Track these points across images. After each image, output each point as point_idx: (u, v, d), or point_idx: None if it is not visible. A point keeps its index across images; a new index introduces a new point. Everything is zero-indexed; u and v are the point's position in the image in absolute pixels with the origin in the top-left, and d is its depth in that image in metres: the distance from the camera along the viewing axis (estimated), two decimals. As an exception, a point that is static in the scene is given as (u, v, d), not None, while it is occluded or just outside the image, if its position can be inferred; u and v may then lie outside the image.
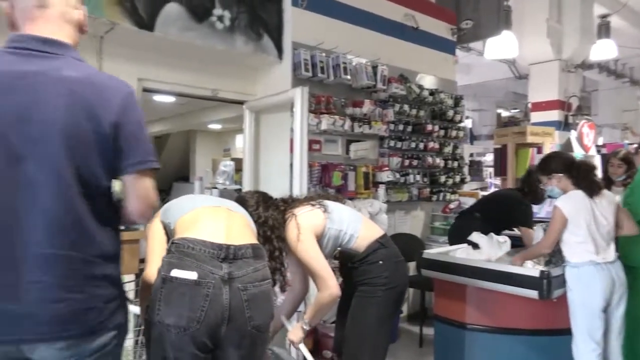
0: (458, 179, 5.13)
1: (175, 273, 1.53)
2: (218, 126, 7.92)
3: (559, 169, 2.74)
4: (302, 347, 2.23)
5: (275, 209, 2.19)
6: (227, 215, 1.78)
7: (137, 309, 1.90)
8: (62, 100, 1.22)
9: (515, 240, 3.20)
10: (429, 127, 4.74)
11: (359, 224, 2.27)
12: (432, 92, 4.79)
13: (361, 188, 4.11)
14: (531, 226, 3.46)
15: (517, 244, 3.32)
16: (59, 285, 1.21)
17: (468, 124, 10.70)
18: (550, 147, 6.03)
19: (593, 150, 6.74)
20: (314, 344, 3.42)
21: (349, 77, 3.91)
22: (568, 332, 2.58)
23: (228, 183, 5.48)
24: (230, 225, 1.72)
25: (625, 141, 8.02)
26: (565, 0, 7.12)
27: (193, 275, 1.52)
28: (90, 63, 1.48)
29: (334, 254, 2.33)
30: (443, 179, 4.94)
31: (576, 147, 6.42)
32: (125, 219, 1.38)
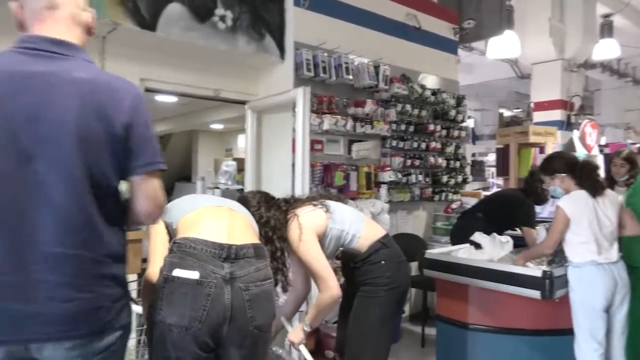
0: (460, 179, 5.12)
1: (177, 273, 1.54)
2: (220, 126, 7.92)
3: (561, 169, 2.73)
4: (303, 349, 2.23)
5: (277, 209, 2.19)
6: (229, 215, 1.78)
7: (140, 309, 1.90)
8: (73, 101, 1.22)
9: (517, 240, 3.19)
10: (431, 127, 4.74)
11: (361, 224, 2.27)
12: (434, 92, 4.78)
13: (363, 188, 4.11)
14: (533, 226, 3.46)
15: (520, 244, 3.31)
16: (68, 284, 1.21)
17: (470, 123, 10.72)
18: (553, 147, 6.00)
19: (596, 150, 6.71)
20: (316, 344, 3.42)
21: (351, 77, 3.91)
22: (570, 332, 2.58)
23: (230, 183, 5.47)
24: (232, 225, 1.72)
25: (628, 141, 7.99)
26: (567, 0, 7.11)
27: (195, 274, 1.53)
28: (93, 63, 1.49)
29: (336, 254, 2.33)
30: (445, 179, 4.93)
31: (579, 147, 6.40)
32: (132, 219, 1.39)
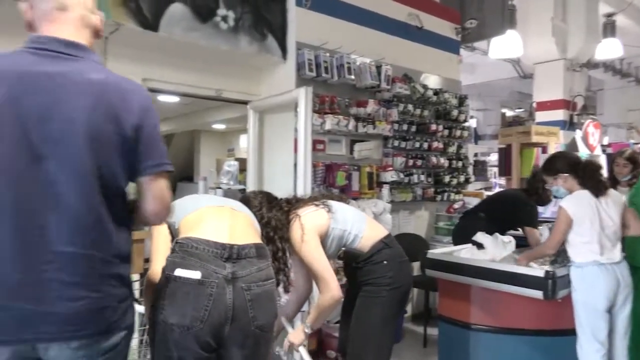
0: (462, 178, 5.11)
1: (179, 272, 1.54)
2: (222, 126, 7.92)
3: (564, 169, 2.73)
4: (302, 350, 2.22)
5: (279, 209, 2.19)
6: (231, 215, 1.78)
7: (142, 308, 1.91)
8: (84, 102, 1.23)
9: (520, 240, 3.19)
10: (433, 127, 4.73)
11: (363, 224, 2.27)
12: (437, 92, 4.78)
13: (365, 188, 4.11)
14: (536, 226, 3.45)
15: (522, 244, 3.30)
16: (78, 284, 1.22)
17: (472, 123, 10.68)
18: (555, 147, 6.00)
19: (598, 149, 6.69)
20: (318, 343, 3.42)
21: (353, 77, 3.90)
22: (573, 333, 2.57)
23: (232, 183, 5.48)
24: (233, 225, 1.72)
25: (631, 141, 7.95)
26: (570, -1, 7.10)
27: (197, 274, 1.53)
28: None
29: (339, 254, 2.33)
30: (447, 178, 4.92)
31: (581, 147, 6.38)
32: (140, 219, 1.40)
